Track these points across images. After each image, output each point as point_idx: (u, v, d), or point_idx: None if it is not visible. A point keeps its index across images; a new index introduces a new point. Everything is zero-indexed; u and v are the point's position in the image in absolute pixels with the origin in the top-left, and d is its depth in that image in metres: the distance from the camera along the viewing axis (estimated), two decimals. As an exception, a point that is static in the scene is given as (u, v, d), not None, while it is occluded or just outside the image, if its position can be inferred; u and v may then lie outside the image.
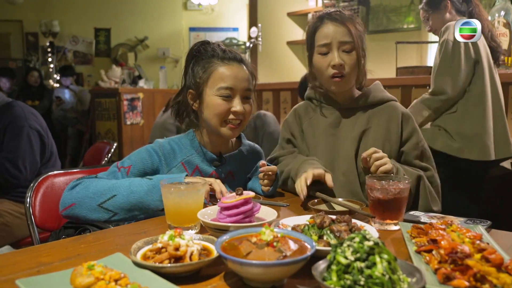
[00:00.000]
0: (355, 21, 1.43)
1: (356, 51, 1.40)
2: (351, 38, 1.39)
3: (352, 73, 1.42)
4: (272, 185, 1.41)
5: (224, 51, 1.37)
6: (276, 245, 0.76)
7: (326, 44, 1.41)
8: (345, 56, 1.40)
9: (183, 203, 1.02)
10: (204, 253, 0.83)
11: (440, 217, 1.11)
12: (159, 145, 1.38)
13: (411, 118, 1.46)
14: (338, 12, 1.44)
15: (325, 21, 1.43)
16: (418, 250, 0.85)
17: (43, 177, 1.59)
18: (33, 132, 2.23)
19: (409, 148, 1.42)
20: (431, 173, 1.41)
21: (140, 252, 0.83)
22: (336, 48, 1.40)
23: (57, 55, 6.83)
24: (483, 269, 0.70)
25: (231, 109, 1.32)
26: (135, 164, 1.32)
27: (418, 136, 1.44)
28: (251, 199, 0.99)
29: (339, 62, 1.39)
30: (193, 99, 1.39)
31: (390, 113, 1.46)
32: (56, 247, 0.94)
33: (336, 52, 1.40)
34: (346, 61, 1.40)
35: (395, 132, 1.43)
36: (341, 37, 1.39)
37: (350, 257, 0.67)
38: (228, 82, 1.31)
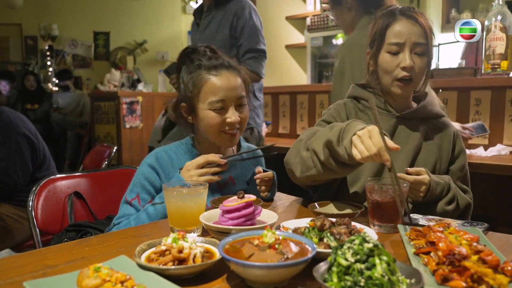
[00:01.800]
0: (430, 21, 1.34)
1: (427, 55, 1.33)
2: (425, 40, 1.31)
3: (419, 78, 1.35)
4: (270, 190, 1.41)
5: (210, 58, 1.33)
6: (278, 247, 0.78)
7: (398, 43, 1.30)
8: (416, 59, 1.31)
9: (185, 206, 1.03)
10: (207, 256, 0.85)
11: (438, 219, 1.13)
12: (156, 158, 1.36)
13: (459, 137, 1.42)
14: (413, 9, 1.34)
15: (398, 18, 1.32)
16: (417, 252, 0.87)
17: (45, 180, 1.60)
18: (21, 138, 2.22)
19: (456, 169, 1.38)
20: (470, 196, 1.38)
21: (144, 255, 0.84)
22: (408, 49, 1.30)
23: (56, 58, 6.85)
24: (480, 270, 0.71)
25: (226, 120, 1.30)
26: (141, 192, 1.32)
27: (465, 158, 1.40)
28: (253, 202, 1.01)
29: (410, 64, 1.29)
30: (187, 113, 1.37)
31: (444, 130, 1.40)
32: (61, 250, 0.95)
33: (408, 53, 1.30)
34: (417, 64, 1.31)
35: (447, 150, 1.38)
36: (416, 38, 1.30)
37: (350, 258, 0.69)
38: (219, 95, 1.28)
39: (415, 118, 1.40)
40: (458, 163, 1.39)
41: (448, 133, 1.40)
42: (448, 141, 1.39)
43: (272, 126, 3.73)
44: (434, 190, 1.24)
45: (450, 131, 1.41)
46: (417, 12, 1.33)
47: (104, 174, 1.81)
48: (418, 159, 1.36)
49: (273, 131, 3.72)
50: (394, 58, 1.31)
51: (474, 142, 2.59)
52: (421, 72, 1.33)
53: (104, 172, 1.85)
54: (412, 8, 1.34)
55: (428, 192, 1.23)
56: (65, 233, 1.45)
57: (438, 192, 1.25)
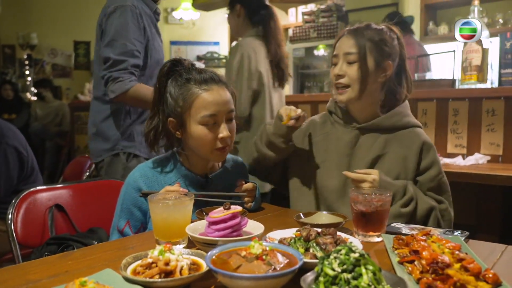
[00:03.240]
0: (374, 32, 1.39)
1: (359, 62, 1.37)
2: (356, 49, 1.37)
3: (354, 84, 1.38)
4: (254, 201, 1.40)
5: (199, 72, 1.31)
6: (265, 258, 0.78)
7: (335, 54, 1.42)
8: (347, 67, 1.38)
9: (171, 218, 1.03)
10: (194, 268, 0.85)
11: (420, 228, 1.15)
12: (140, 176, 1.33)
13: (433, 148, 1.41)
14: (359, 26, 1.42)
15: (343, 35, 1.43)
16: (401, 261, 0.88)
17: (25, 193, 1.56)
18: (10, 149, 2.19)
19: (425, 180, 1.38)
20: (445, 207, 1.37)
21: (130, 268, 0.84)
22: (341, 59, 1.40)
23: (35, 68, 6.74)
24: (463, 278, 0.73)
25: (218, 135, 1.28)
26: (130, 218, 1.30)
27: (437, 169, 1.39)
28: (239, 213, 1.01)
29: (336, 72, 1.39)
30: (175, 128, 1.32)
31: (411, 140, 1.40)
32: (43, 264, 0.93)
33: (340, 63, 1.40)
34: (347, 72, 1.38)
35: (413, 161, 1.38)
36: (347, 48, 1.38)
37: (337, 268, 0.70)
38: (211, 109, 1.26)
39: (377, 129, 1.43)
40: (428, 174, 1.38)
41: (415, 143, 1.39)
42: (415, 152, 1.38)
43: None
44: (382, 190, 1.25)
45: (418, 142, 1.39)
46: (360, 27, 1.41)
47: (86, 186, 1.78)
48: (379, 168, 1.38)
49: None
50: (332, 69, 1.43)
51: (453, 152, 2.66)
52: (354, 79, 1.37)
53: (86, 184, 1.83)
54: (363, 25, 1.42)
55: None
56: (45, 246, 1.42)
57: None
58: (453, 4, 4.36)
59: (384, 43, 1.39)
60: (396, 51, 1.42)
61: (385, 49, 1.39)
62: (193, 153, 1.37)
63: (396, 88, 1.44)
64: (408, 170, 1.38)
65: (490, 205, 2.42)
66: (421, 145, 1.40)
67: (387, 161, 1.39)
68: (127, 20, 1.81)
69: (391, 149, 1.40)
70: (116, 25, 1.81)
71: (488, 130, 2.55)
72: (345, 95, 1.40)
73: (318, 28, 5.17)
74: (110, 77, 1.77)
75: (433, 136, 2.73)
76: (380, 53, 1.38)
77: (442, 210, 1.37)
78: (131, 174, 1.37)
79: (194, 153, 1.36)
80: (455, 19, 4.31)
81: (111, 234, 1.34)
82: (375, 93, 1.42)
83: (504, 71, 2.63)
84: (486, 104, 2.54)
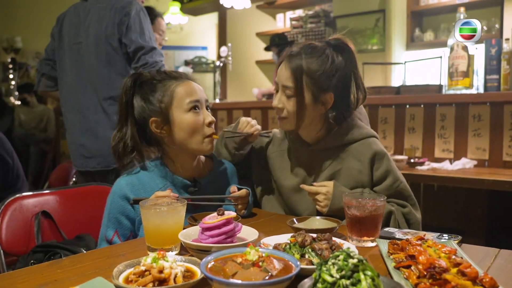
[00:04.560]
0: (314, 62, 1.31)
1: (296, 97, 1.32)
2: (293, 84, 1.32)
3: (292, 117, 1.35)
4: (246, 208, 1.38)
5: (170, 72, 1.38)
6: (261, 265, 0.77)
7: (276, 83, 1.39)
8: (285, 100, 1.35)
9: (163, 225, 1.01)
10: (188, 275, 0.83)
11: (413, 232, 1.15)
12: (126, 184, 1.31)
13: (385, 157, 1.37)
14: (297, 51, 1.35)
15: (284, 59, 1.37)
16: (397, 266, 0.88)
17: (10, 199, 1.52)
18: None
19: (382, 190, 1.35)
20: (408, 210, 1.36)
21: (122, 276, 0.81)
22: (281, 90, 1.37)
23: (19, 72, 6.62)
24: (460, 282, 0.73)
25: (204, 121, 1.32)
26: (118, 228, 1.28)
27: (392, 178, 1.36)
28: (232, 219, 1.00)
29: (275, 104, 1.37)
30: (159, 127, 1.31)
31: (361, 153, 1.38)
32: (31, 273, 0.90)
33: (279, 94, 1.37)
34: (285, 105, 1.35)
35: (366, 173, 1.36)
36: (284, 81, 1.34)
37: (335, 274, 0.69)
38: (194, 96, 1.32)
39: (328, 147, 1.41)
40: (384, 184, 1.36)
41: (366, 155, 1.37)
42: (367, 164, 1.37)
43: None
44: (338, 200, 1.27)
45: (369, 153, 1.37)
46: (298, 55, 1.33)
47: (73, 192, 1.75)
48: None
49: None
50: (274, 95, 1.40)
51: (440, 156, 2.69)
52: (292, 113, 1.34)
53: (72, 190, 1.79)
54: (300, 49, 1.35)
55: (330, 202, 1.29)
56: (31, 254, 1.38)
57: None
58: (439, 11, 4.43)
59: (323, 75, 1.32)
60: (340, 75, 1.34)
61: (324, 82, 1.32)
62: (179, 155, 1.35)
63: (340, 110, 1.37)
64: (364, 183, 1.37)
65: (477, 209, 2.45)
66: (372, 156, 1.37)
67: (342, 177, 1.39)
68: (146, 17, 2.11)
69: (344, 165, 1.39)
70: (142, 20, 2.07)
71: (474, 135, 2.59)
72: (285, 125, 1.41)
73: (306, 34, 5.20)
74: (151, 63, 2.00)
75: (421, 140, 2.76)
76: (319, 87, 1.32)
77: (406, 214, 1.35)
78: (116, 182, 1.34)
79: (180, 155, 1.35)
80: (441, 26, 4.39)
81: (99, 245, 1.31)
82: (316, 120, 1.39)
83: (490, 77, 2.68)
84: (473, 109, 2.58)
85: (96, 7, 2.09)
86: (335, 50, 1.36)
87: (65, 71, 2.16)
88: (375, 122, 2.89)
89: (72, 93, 2.14)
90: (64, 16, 2.21)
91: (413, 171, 2.40)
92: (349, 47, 1.38)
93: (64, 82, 2.19)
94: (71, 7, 2.21)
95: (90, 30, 2.08)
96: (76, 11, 2.16)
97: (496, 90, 2.63)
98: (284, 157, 1.50)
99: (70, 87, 2.15)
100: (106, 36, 2.04)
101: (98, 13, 2.08)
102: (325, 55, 1.34)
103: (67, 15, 2.20)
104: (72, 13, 2.17)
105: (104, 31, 2.04)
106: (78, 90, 2.11)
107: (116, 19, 2.03)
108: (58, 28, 2.20)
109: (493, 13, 4.10)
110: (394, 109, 2.86)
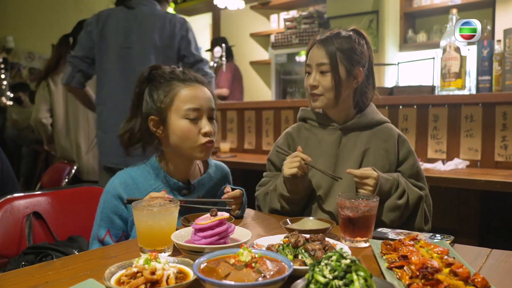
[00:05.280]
0: (343, 41, 1.43)
1: (331, 72, 1.41)
2: (328, 60, 1.41)
3: (328, 93, 1.43)
4: (240, 208, 1.38)
5: (184, 73, 1.34)
6: (254, 266, 0.77)
7: (308, 65, 1.47)
8: (320, 76, 1.43)
9: (156, 226, 1.00)
10: (180, 277, 0.82)
11: (406, 233, 1.16)
12: (120, 184, 1.30)
13: (406, 140, 1.50)
14: (326, 35, 1.46)
15: (314, 44, 1.47)
16: (390, 266, 0.88)
17: (1, 200, 1.51)
18: None
19: (406, 169, 1.45)
20: (426, 192, 1.45)
21: (114, 277, 0.81)
22: (315, 70, 1.45)
23: (11, 72, 6.56)
24: (452, 282, 0.73)
25: (200, 130, 1.29)
26: (111, 227, 1.27)
27: (414, 158, 1.48)
28: (225, 220, 0.99)
29: (310, 83, 1.44)
30: (156, 126, 1.32)
31: (387, 134, 1.48)
32: (22, 275, 0.89)
33: (314, 73, 1.45)
34: (321, 82, 1.43)
35: (393, 152, 1.46)
36: (319, 59, 1.43)
37: (328, 275, 0.69)
38: (195, 103, 1.29)
39: (357, 127, 1.49)
40: (407, 163, 1.46)
41: (392, 137, 1.48)
42: (393, 144, 1.47)
43: (237, 142, 3.72)
44: (383, 185, 1.33)
45: (394, 135, 1.49)
46: (329, 37, 1.44)
47: (65, 193, 1.73)
48: (366, 164, 1.44)
49: (239, 146, 3.71)
50: (307, 78, 1.48)
51: (433, 157, 2.70)
52: (328, 89, 1.43)
53: (65, 191, 1.77)
54: (331, 34, 1.46)
55: (377, 187, 1.32)
56: (22, 256, 1.36)
57: (387, 188, 1.34)
58: (431, 13, 4.46)
59: (353, 51, 1.44)
60: (365, 56, 1.47)
61: (355, 57, 1.43)
62: (174, 157, 1.35)
63: (366, 89, 1.51)
64: (391, 162, 1.46)
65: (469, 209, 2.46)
66: (397, 137, 1.48)
67: (372, 156, 1.46)
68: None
69: (372, 145, 1.47)
70: (195, 35, 2.38)
71: (467, 136, 2.60)
72: (321, 102, 1.46)
73: (299, 34, 5.21)
74: (210, 74, 2.36)
75: (414, 141, 2.77)
76: (351, 62, 1.43)
77: (424, 196, 1.44)
78: (110, 181, 1.34)
79: (175, 157, 1.34)
80: (434, 27, 4.42)
81: (91, 244, 1.30)
82: (349, 97, 1.48)
83: (482, 78, 2.70)
84: (465, 110, 2.60)
85: (149, 17, 2.25)
86: (357, 35, 1.48)
87: (108, 71, 2.24)
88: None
89: (115, 94, 2.22)
90: (105, 18, 2.26)
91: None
92: (365, 35, 1.51)
93: (104, 82, 2.26)
94: (112, 10, 2.31)
95: (145, 38, 2.22)
96: (125, 17, 2.24)
97: (488, 91, 2.65)
98: (308, 144, 1.52)
99: (113, 88, 2.23)
100: (163, 46, 2.23)
101: (153, 24, 2.25)
102: (351, 36, 1.46)
103: (110, 18, 2.25)
104: (118, 17, 2.25)
105: (160, 41, 2.23)
106: (125, 92, 2.12)
107: (177, 33, 2.26)
108: (98, 29, 2.25)
109: (485, 14, 4.13)
110: (387, 110, 2.87)
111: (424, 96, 2.79)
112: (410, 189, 1.39)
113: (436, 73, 2.89)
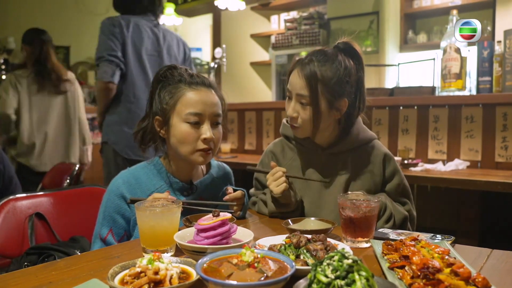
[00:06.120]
0: (327, 69, 1.31)
1: (312, 106, 1.33)
2: (308, 93, 1.32)
3: (308, 125, 1.36)
4: (242, 209, 1.39)
5: (191, 75, 1.33)
6: (257, 266, 0.77)
7: (289, 91, 1.39)
8: (300, 108, 1.36)
9: (159, 226, 1.01)
10: (183, 277, 0.83)
11: (407, 233, 1.16)
12: (123, 183, 1.31)
13: (393, 159, 1.45)
14: (309, 59, 1.35)
15: (296, 67, 1.37)
16: (391, 266, 0.88)
17: (3, 201, 1.51)
18: None
19: (391, 189, 1.43)
20: (409, 207, 1.43)
21: (117, 277, 0.81)
22: (294, 99, 1.37)
23: (12, 72, 6.56)
24: (453, 282, 0.74)
25: (200, 136, 1.28)
26: (113, 226, 1.28)
27: (399, 177, 1.44)
28: (228, 220, 1.00)
29: (290, 114, 1.37)
30: (160, 126, 1.33)
31: (373, 155, 1.44)
32: (25, 275, 0.90)
33: (293, 103, 1.37)
34: (300, 113, 1.36)
35: (378, 174, 1.42)
36: (299, 90, 1.34)
37: (330, 275, 0.69)
38: (197, 108, 1.27)
39: (341, 151, 1.44)
40: (392, 184, 1.43)
41: (377, 157, 1.44)
42: (378, 165, 1.43)
43: (238, 142, 3.73)
44: (370, 195, 1.29)
45: (380, 155, 1.44)
46: (310, 64, 1.32)
47: (67, 193, 1.74)
48: (352, 189, 1.41)
49: (239, 147, 3.72)
50: (287, 103, 1.41)
51: (434, 157, 2.71)
52: (308, 120, 1.35)
53: (67, 191, 1.78)
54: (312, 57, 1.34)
55: None
56: (25, 256, 1.37)
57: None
58: (432, 14, 4.47)
59: (337, 83, 1.32)
60: (352, 81, 1.35)
61: (338, 90, 1.33)
62: (176, 157, 1.35)
63: (352, 111, 1.40)
64: (376, 183, 1.43)
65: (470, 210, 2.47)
66: (382, 157, 1.44)
67: (358, 180, 1.42)
68: None
69: (358, 167, 1.43)
70: None
71: (467, 137, 2.61)
72: (301, 134, 1.41)
73: (300, 35, 5.22)
74: None
75: (414, 142, 2.78)
76: (333, 95, 1.33)
77: (407, 211, 1.42)
78: (113, 181, 1.34)
79: (177, 157, 1.35)
80: (434, 28, 4.43)
81: (93, 243, 1.31)
82: (331, 126, 1.41)
83: (482, 78, 2.71)
84: (465, 111, 2.60)
85: (169, 34, 2.59)
86: (345, 55, 1.36)
87: (135, 73, 2.44)
88: (369, 124, 2.90)
89: (143, 94, 2.42)
90: (127, 23, 2.42)
91: (407, 172, 2.42)
92: (357, 51, 1.39)
93: (131, 83, 2.44)
94: (135, 19, 2.47)
95: (171, 52, 2.57)
96: (152, 30, 2.50)
97: (488, 92, 2.66)
98: (293, 167, 1.48)
99: (140, 88, 2.44)
100: (178, 61, 2.58)
101: (173, 40, 2.60)
102: (338, 61, 1.34)
103: (132, 25, 2.43)
104: (143, 27, 2.47)
105: (178, 56, 2.61)
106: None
107: (186, 51, 2.67)
108: (121, 32, 2.40)
109: (485, 15, 4.14)
110: (387, 110, 2.88)
111: (425, 97, 2.80)
112: (396, 211, 1.38)
113: (436, 74, 2.89)
